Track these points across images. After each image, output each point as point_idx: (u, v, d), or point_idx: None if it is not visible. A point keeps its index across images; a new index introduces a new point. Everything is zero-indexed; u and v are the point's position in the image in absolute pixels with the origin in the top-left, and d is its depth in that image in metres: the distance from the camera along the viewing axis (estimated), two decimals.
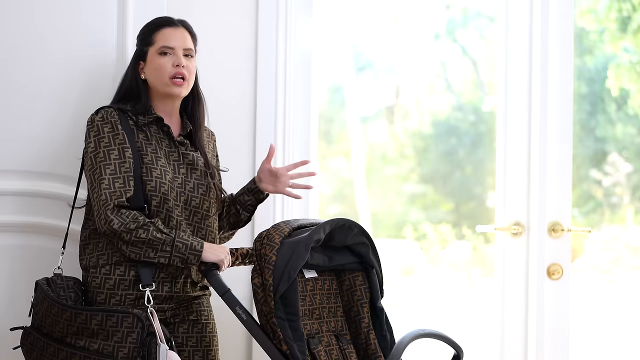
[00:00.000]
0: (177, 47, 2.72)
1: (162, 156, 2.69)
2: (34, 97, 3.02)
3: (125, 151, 2.64)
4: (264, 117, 3.15)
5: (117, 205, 2.57)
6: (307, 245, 2.57)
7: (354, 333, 2.74)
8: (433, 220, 8.32)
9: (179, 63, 2.70)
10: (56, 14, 3.04)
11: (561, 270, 3.14)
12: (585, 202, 7.16)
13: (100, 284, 2.66)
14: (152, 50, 2.73)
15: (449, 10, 8.71)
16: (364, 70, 8.81)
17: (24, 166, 2.99)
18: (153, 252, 2.58)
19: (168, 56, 2.72)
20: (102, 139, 2.65)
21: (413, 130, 8.88)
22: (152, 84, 2.72)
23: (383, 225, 8.22)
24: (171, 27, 2.74)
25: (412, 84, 8.85)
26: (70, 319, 2.53)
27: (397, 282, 7.26)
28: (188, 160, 2.75)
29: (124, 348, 2.47)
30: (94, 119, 2.68)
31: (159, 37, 2.74)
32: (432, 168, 8.91)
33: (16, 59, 3.01)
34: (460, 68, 8.69)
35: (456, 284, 7.50)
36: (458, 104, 8.93)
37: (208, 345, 2.79)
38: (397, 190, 8.60)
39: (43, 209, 3.01)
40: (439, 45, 8.72)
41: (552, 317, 3.15)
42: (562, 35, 3.19)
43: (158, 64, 2.71)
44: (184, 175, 2.72)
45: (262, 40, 3.18)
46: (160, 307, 2.70)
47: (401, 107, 8.91)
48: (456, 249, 7.88)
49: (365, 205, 8.23)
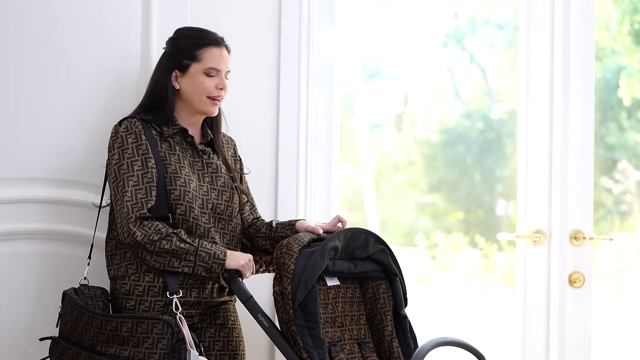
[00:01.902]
0: (222, 70, 2.72)
1: (185, 165, 2.70)
2: (60, 106, 3.03)
3: (148, 161, 2.65)
4: (287, 125, 3.15)
5: (138, 217, 2.58)
6: (322, 254, 2.59)
7: (377, 341, 2.75)
8: (442, 228, 8.33)
9: (223, 87, 2.71)
10: (80, 24, 3.05)
11: (583, 278, 3.14)
12: (595, 209, 7.15)
13: (129, 291, 2.67)
14: (196, 67, 2.72)
15: (457, 18, 8.73)
16: (372, 78, 8.83)
17: (51, 174, 3.00)
18: (177, 261, 2.59)
19: (213, 78, 2.72)
20: (125, 150, 2.65)
21: (421, 138, 8.88)
22: (188, 98, 2.72)
23: (392, 233, 8.22)
24: (218, 48, 2.74)
25: (421, 91, 8.86)
26: (100, 326, 2.53)
27: (411, 290, 7.26)
28: (212, 169, 2.76)
29: (154, 354, 2.47)
30: (117, 130, 2.69)
31: (206, 55, 2.72)
32: (440, 176, 8.91)
33: (43, 69, 3.02)
34: (468, 76, 8.70)
35: (469, 292, 7.50)
36: (466, 112, 8.94)
37: (235, 349, 2.79)
38: (406, 197, 8.60)
39: (70, 216, 3.02)
40: (447, 53, 8.73)
41: (574, 326, 3.15)
42: (584, 43, 3.20)
43: (201, 83, 2.70)
44: (209, 183, 2.74)
45: (285, 49, 3.18)
46: (188, 312, 2.71)
47: (410, 115, 8.92)
48: (466, 257, 7.88)
49: (374, 213, 8.23)
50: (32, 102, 3.02)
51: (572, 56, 3.17)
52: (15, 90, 3.00)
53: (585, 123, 3.14)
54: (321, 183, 3.12)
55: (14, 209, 2.99)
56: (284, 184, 3.11)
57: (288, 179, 3.11)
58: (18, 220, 3.01)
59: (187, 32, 2.79)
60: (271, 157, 3.24)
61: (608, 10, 7.26)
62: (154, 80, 2.78)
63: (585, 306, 3.17)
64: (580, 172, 3.12)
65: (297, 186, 3.13)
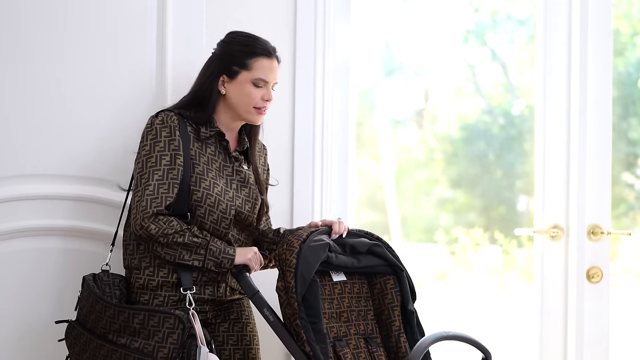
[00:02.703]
0: (270, 82, 2.74)
1: (214, 169, 2.72)
2: (91, 105, 3.07)
3: (177, 158, 2.67)
4: (302, 123, 3.17)
5: (155, 213, 2.61)
6: (312, 248, 2.64)
7: (384, 336, 2.78)
8: (463, 225, 8.29)
9: (270, 98, 2.74)
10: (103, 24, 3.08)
11: (601, 273, 3.14)
12: (617, 205, 7.11)
13: (143, 285, 2.70)
14: (245, 75, 2.73)
15: (478, 14, 8.69)
16: (393, 74, 8.81)
17: (79, 172, 3.05)
18: (188, 254, 2.63)
19: (261, 88, 2.74)
20: (157, 143, 2.68)
21: (442, 134, 8.85)
22: (233, 104, 2.73)
23: (413, 230, 8.20)
24: (269, 59, 2.75)
25: (441, 87, 8.83)
26: (113, 316, 2.58)
27: (431, 286, 7.24)
28: (240, 177, 2.78)
29: (164, 348, 2.51)
30: (153, 122, 2.71)
31: (256, 65, 2.73)
32: (461, 172, 8.88)
33: (76, 68, 3.06)
34: (489, 72, 8.65)
35: (489, 288, 7.46)
36: (487, 108, 8.90)
37: (249, 343, 2.82)
38: (427, 194, 8.57)
39: (95, 214, 3.07)
40: (468, 49, 8.69)
41: (592, 321, 3.14)
42: (601, 37, 3.19)
43: (249, 92, 2.72)
44: (235, 191, 2.76)
45: (300, 47, 3.20)
46: (202, 309, 2.73)
47: (430, 111, 8.89)
48: (487, 253, 7.85)
49: (395, 210, 8.22)
50: (64, 101, 3.07)
51: (590, 50, 3.16)
52: (46, 89, 3.04)
53: (603, 117, 3.13)
54: (337, 181, 3.15)
55: (46, 205, 3.04)
56: (300, 182, 3.13)
57: (304, 177, 3.14)
58: (48, 217, 3.07)
59: (239, 38, 2.78)
60: (287, 156, 3.27)
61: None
62: (201, 81, 2.78)
63: (603, 302, 3.17)
64: (598, 167, 3.12)
65: (312, 184, 3.16)
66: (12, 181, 3.00)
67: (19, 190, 3.01)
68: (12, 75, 2.98)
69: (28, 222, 3.04)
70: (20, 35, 2.96)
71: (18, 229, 3.01)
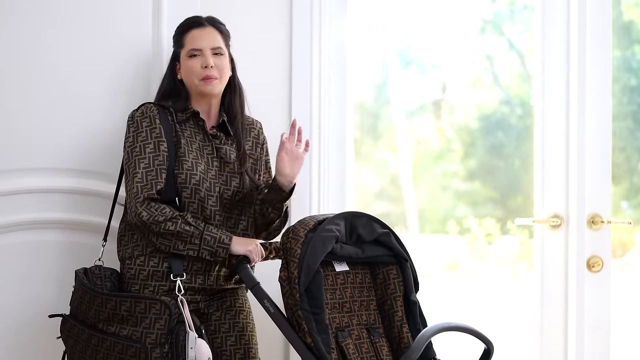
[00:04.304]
0: (204, 48, 2.75)
1: (194, 149, 2.73)
2: (82, 99, 3.09)
3: (161, 144, 2.69)
4: (299, 112, 3.17)
5: (147, 198, 2.62)
6: (322, 238, 2.62)
7: (387, 326, 2.76)
8: (480, 215, 8.25)
9: (207, 64, 2.74)
10: (96, 24, 3.10)
11: (601, 262, 3.11)
12: (635, 194, 7.06)
13: (134, 275, 2.72)
14: (183, 53, 2.79)
15: (495, 4, 8.63)
16: (409, 66, 8.78)
17: (73, 165, 3.07)
18: (182, 244, 2.63)
19: (197, 58, 2.76)
20: (140, 134, 2.70)
21: (460, 124, 8.81)
22: (187, 85, 2.78)
23: (430, 221, 8.18)
24: (199, 28, 2.78)
25: (459, 78, 8.78)
26: (101, 305, 2.59)
27: (442, 277, 7.23)
28: (221, 154, 2.78)
29: (151, 334, 2.52)
30: (134, 115, 2.75)
31: (187, 39, 2.79)
32: (479, 162, 8.83)
33: (62, 63, 3.08)
34: (507, 62, 8.60)
35: (502, 278, 7.43)
36: (505, 98, 8.84)
37: (242, 330, 2.82)
38: (444, 185, 8.54)
39: (92, 206, 3.08)
40: (485, 39, 8.64)
41: (592, 310, 3.12)
42: (600, 25, 3.16)
43: (188, 66, 2.77)
44: (217, 168, 2.76)
45: (297, 38, 3.19)
46: (193, 298, 2.74)
47: (447, 102, 8.85)
48: (503, 243, 7.81)
49: (412, 201, 8.20)
50: (56, 95, 3.08)
51: (589, 37, 3.13)
52: (37, 82, 3.06)
53: (602, 105, 3.10)
54: (335, 174, 3.15)
55: (41, 198, 3.06)
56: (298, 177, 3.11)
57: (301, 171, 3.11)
58: (44, 210, 3.08)
59: (179, 24, 2.85)
60: None
61: None
62: (164, 75, 2.85)
63: (604, 290, 3.14)
64: (597, 156, 3.09)
65: (310, 178, 3.14)
66: (11, 175, 3.02)
67: (17, 183, 3.03)
68: (7, 70, 3.00)
69: (26, 215, 3.05)
70: (13, 28, 2.98)
71: (17, 222, 3.02)
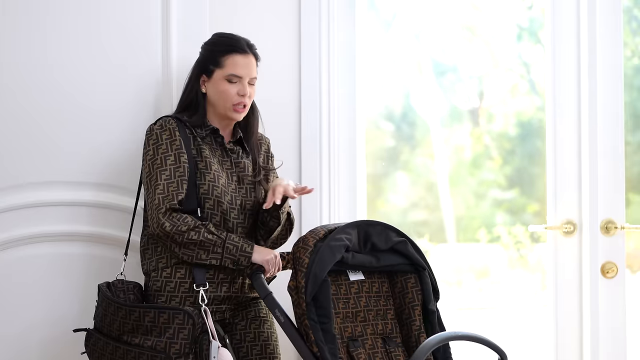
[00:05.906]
0: (244, 77, 2.81)
1: (215, 162, 2.80)
2: (104, 114, 3.17)
3: (181, 156, 2.76)
4: (309, 123, 3.21)
5: (169, 209, 2.69)
6: (330, 247, 2.65)
7: (405, 336, 2.78)
8: (519, 223, 8.20)
9: (245, 93, 2.80)
10: (119, 38, 3.17)
11: (616, 268, 3.10)
12: None
13: (161, 287, 2.78)
14: (219, 73, 2.83)
15: (531, 10, 8.59)
16: (446, 74, 8.77)
17: (97, 179, 3.14)
18: (205, 253, 2.69)
19: (234, 84, 2.82)
20: (160, 146, 2.77)
21: (498, 132, 8.77)
22: (213, 103, 2.83)
23: (468, 230, 8.15)
24: (242, 55, 2.83)
25: (496, 86, 8.75)
26: (125, 316, 2.66)
27: (472, 285, 7.21)
28: (239, 168, 2.85)
29: (175, 344, 2.59)
30: (152, 128, 2.82)
31: (228, 62, 2.82)
32: (518, 170, 8.79)
33: (91, 76, 3.16)
34: (543, 69, 8.55)
35: (532, 286, 7.38)
36: (542, 105, 8.79)
37: (266, 339, 2.87)
38: (483, 193, 8.51)
39: (113, 220, 3.16)
40: (521, 46, 8.60)
41: (607, 316, 3.10)
42: (612, 28, 3.15)
43: (224, 90, 2.81)
44: (237, 182, 2.83)
45: (305, 41, 3.23)
46: (219, 307, 2.79)
47: (485, 110, 8.82)
48: (537, 251, 7.76)
49: (449, 210, 8.18)
50: (85, 111, 3.17)
51: (599, 41, 3.13)
52: (63, 97, 3.15)
53: (614, 110, 3.10)
54: (345, 180, 3.18)
55: (67, 210, 3.14)
56: (307, 175, 3.15)
57: (311, 172, 3.16)
58: (69, 222, 3.16)
59: (215, 38, 2.89)
60: (294, 152, 3.30)
61: None
62: (187, 84, 2.90)
63: (619, 297, 3.13)
64: (610, 162, 3.08)
65: (320, 180, 3.18)
66: (40, 187, 3.11)
67: (44, 196, 3.11)
68: (39, 87, 3.10)
69: (54, 227, 3.14)
70: (42, 46, 3.06)
71: (44, 234, 3.10)
